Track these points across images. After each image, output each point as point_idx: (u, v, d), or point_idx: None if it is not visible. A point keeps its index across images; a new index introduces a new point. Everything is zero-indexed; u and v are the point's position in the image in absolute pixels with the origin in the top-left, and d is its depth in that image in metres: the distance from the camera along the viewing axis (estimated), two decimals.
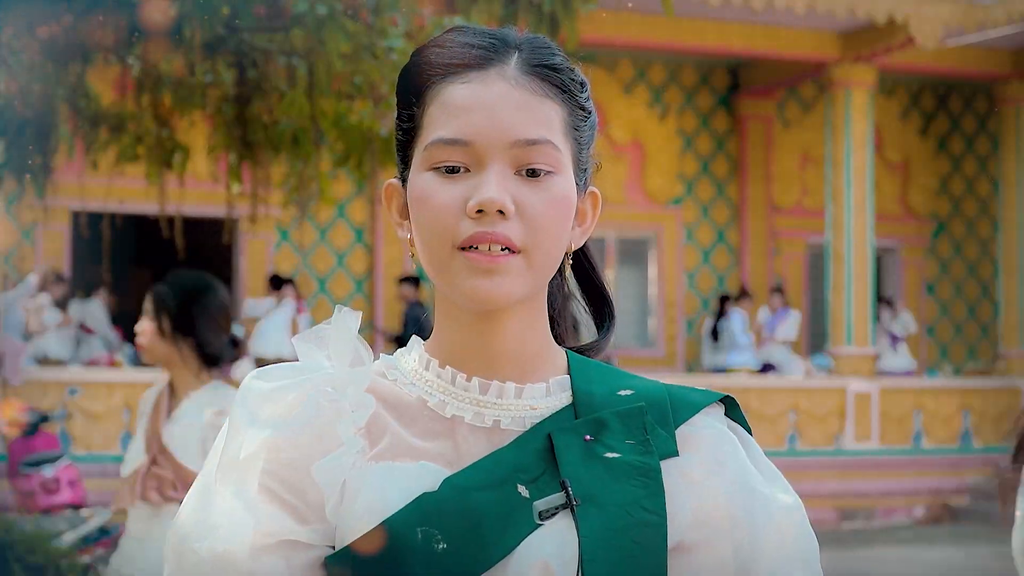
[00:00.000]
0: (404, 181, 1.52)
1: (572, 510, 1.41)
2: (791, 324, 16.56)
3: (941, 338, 18.97)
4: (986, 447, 16.47)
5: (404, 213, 1.53)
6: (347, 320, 1.51)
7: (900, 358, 17.11)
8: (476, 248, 1.43)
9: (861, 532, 15.03)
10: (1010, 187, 17.24)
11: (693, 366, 17.33)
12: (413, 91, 1.50)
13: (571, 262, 1.58)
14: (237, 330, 15.38)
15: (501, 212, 1.42)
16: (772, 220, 17.98)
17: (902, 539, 14.34)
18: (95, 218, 11.10)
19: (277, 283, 14.92)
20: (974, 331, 19.09)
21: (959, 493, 16.06)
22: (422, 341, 1.56)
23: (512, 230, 1.43)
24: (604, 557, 1.41)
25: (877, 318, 16.95)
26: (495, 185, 1.42)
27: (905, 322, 17.32)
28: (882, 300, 17.30)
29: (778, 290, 16.88)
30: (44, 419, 11.38)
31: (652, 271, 17.55)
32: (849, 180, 15.91)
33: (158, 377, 5.02)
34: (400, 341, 14.16)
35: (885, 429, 15.93)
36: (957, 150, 19.13)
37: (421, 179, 1.46)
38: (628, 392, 1.52)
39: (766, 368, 16.45)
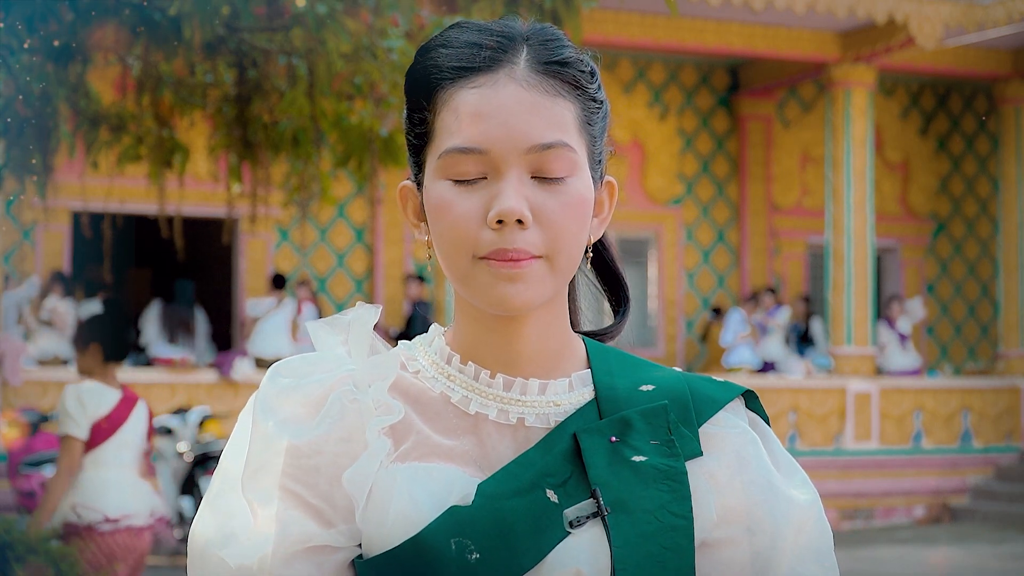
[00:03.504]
0: (419, 184, 1.50)
1: (603, 519, 1.42)
2: (783, 315, 16.63)
3: (941, 338, 18.97)
4: (986, 447, 16.47)
5: (420, 216, 1.51)
6: (365, 315, 1.50)
7: (907, 356, 17.12)
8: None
9: (861, 532, 15.03)
10: (1010, 187, 17.24)
11: (693, 365, 17.34)
12: (423, 95, 1.48)
13: (590, 255, 1.57)
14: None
15: (519, 221, 1.42)
16: (772, 220, 17.99)
17: (902, 539, 14.34)
18: (96, 218, 11.10)
19: (280, 282, 14.92)
20: (974, 331, 19.09)
21: (959, 493, 16.06)
22: (442, 330, 1.55)
23: (531, 239, 1.42)
24: (636, 564, 1.41)
25: (887, 317, 16.97)
26: (513, 194, 1.41)
27: (913, 310, 17.31)
28: (893, 299, 17.29)
29: (771, 291, 16.93)
30: (44, 419, 11.38)
31: (652, 271, 17.56)
32: (849, 180, 15.91)
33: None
34: (404, 339, 14.15)
35: (885, 429, 15.93)
36: (957, 150, 19.13)
37: (438, 188, 1.45)
38: (650, 387, 1.52)
39: (766, 368, 16.46)
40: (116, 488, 6.38)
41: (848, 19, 15.10)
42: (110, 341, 6.50)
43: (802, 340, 17.34)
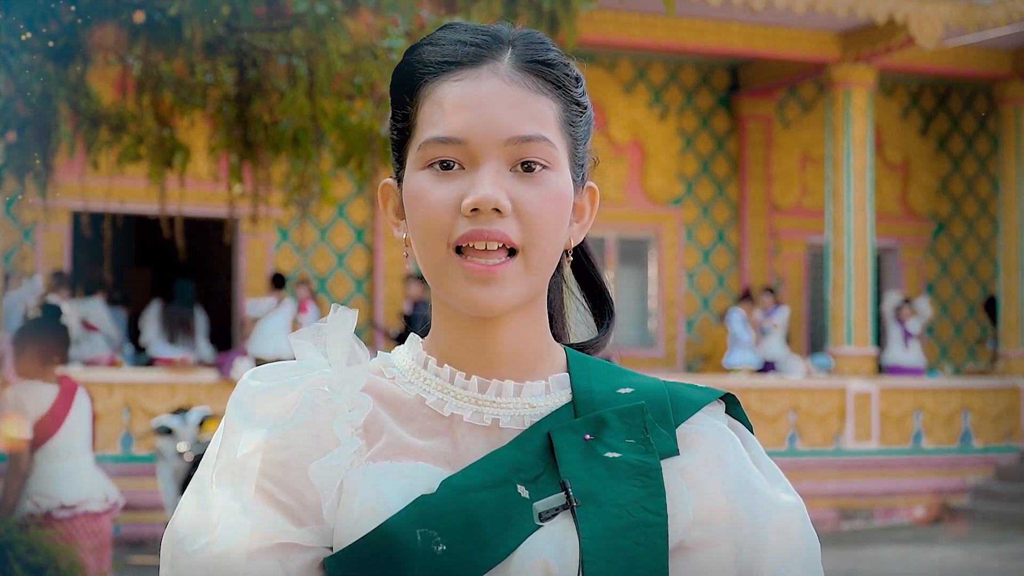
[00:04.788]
0: (400, 181, 1.50)
1: (572, 511, 1.40)
2: (781, 315, 16.64)
3: (941, 338, 18.97)
4: (986, 447, 16.47)
5: (400, 213, 1.51)
6: (344, 319, 1.49)
7: (911, 354, 17.12)
8: (472, 247, 1.42)
9: (861, 532, 15.03)
10: (1010, 187, 17.24)
11: (693, 365, 17.35)
12: (406, 90, 1.49)
13: (570, 259, 1.56)
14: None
15: (497, 210, 1.41)
16: (772, 220, 17.99)
17: (902, 539, 14.34)
18: (96, 218, 11.11)
19: (279, 282, 14.92)
20: (974, 331, 19.08)
21: (959, 493, 16.06)
22: (420, 339, 1.54)
23: (508, 227, 1.41)
24: (604, 557, 1.39)
25: (898, 317, 16.98)
26: (490, 183, 1.41)
27: (923, 309, 17.32)
28: (905, 302, 17.30)
29: (770, 291, 16.94)
30: None
31: (652, 271, 17.56)
32: (849, 180, 15.91)
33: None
34: (404, 340, 14.14)
35: (885, 429, 15.93)
36: (957, 150, 19.13)
37: (416, 178, 1.45)
38: (628, 390, 1.50)
39: (766, 368, 16.46)
40: (69, 477, 6.62)
41: (848, 19, 15.10)
42: (49, 345, 6.68)
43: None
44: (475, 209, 1.41)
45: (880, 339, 17.31)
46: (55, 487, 6.53)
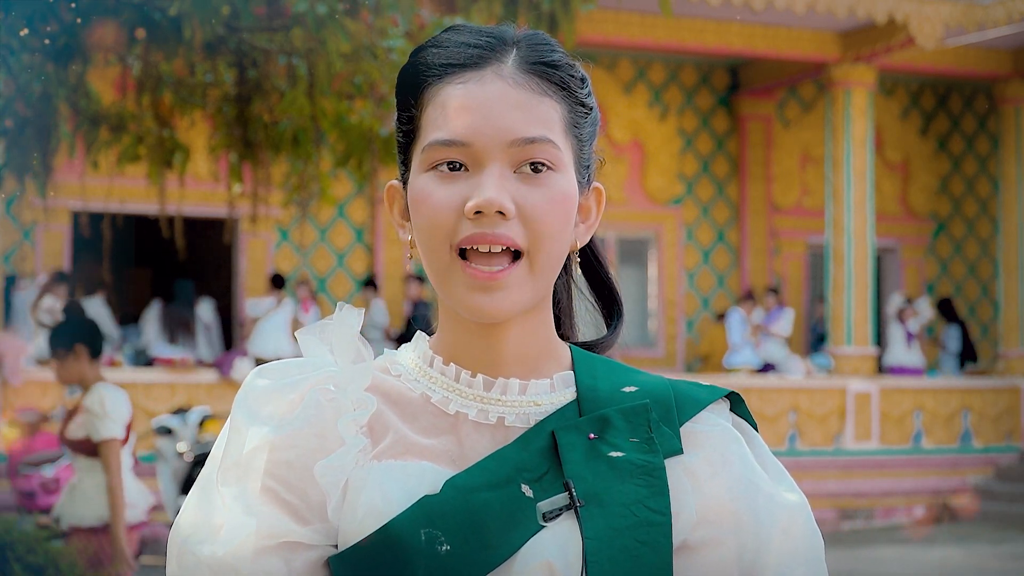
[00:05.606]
0: (405, 183, 1.50)
1: (576, 511, 1.40)
2: (786, 320, 16.60)
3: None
4: (986, 447, 16.47)
5: (406, 215, 1.51)
6: (349, 318, 1.50)
7: (912, 355, 17.12)
8: (476, 250, 1.42)
9: (861, 532, 15.03)
10: (1010, 187, 17.24)
11: (693, 365, 17.35)
12: (411, 92, 1.49)
13: (579, 260, 1.56)
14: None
15: (500, 213, 1.41)
16: (772, 220, 17.99)
17: (902, 539, 14.35)
18: (96, 218, 11.11)
19: (279, 282, 14.92)
20: (974, 331, 19.08)
21: (959, 493, 16.06)
22: (427, 337, 1.54)
23: (512, 231, 1.41)
24: (608, 557, 1.39)
25: (899, 317, 16.97)
26: (494, 186, 1.41)
27: (923, 310, 17.33)
28: (908, 303, 17.31)
29: (773, 291, 16.93)
30: (44, 419, 11.37)
31: (652, 271, 17.56)
32: (849, 180, 15.91)
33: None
34: (405, 340, 14.15)
35: (885, 429, 15.93)
36: (957, 150, 19.13)
37: (420, 180, 1.45)
38: (632, 388, 1.50)
39: (766, 368, 16.46)
40: (136, 486, 6.49)
41: (848, 19, 15.10)
42: (92, 345, 6.44)
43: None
44: (479, 212, 1.41)
45: (880, 339, 17.30)
46: (134, 496, 6.34)
